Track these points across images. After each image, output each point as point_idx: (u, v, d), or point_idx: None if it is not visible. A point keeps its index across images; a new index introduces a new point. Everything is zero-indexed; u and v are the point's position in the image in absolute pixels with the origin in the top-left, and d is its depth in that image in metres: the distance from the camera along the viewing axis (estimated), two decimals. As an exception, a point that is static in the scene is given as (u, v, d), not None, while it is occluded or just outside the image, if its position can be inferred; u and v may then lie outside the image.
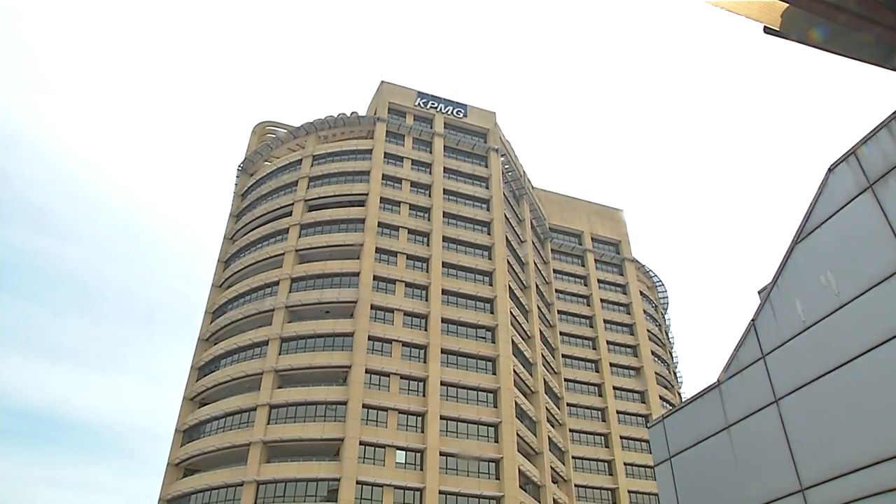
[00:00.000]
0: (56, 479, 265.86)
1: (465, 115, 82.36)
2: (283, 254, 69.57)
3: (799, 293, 11.16)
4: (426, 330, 65.09)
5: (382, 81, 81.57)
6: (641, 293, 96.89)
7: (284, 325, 64.45)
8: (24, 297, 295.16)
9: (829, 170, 11.17)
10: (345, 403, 58.70)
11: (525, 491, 61.90)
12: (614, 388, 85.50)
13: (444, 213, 73.55)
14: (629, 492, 77.97)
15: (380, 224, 70.11)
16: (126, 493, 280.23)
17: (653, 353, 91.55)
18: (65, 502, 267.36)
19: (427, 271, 69.15)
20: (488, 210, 76.53)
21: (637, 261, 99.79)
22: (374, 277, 66.31)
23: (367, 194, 71.75)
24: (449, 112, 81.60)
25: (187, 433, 66.43)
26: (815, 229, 11.17)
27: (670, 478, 13.44)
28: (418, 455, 58.33)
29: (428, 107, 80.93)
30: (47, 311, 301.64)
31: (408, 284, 67.64)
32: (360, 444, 56.81)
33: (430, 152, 78.22)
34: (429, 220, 72.94)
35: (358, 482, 54.97)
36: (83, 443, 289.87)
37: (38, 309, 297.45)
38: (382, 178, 73.36)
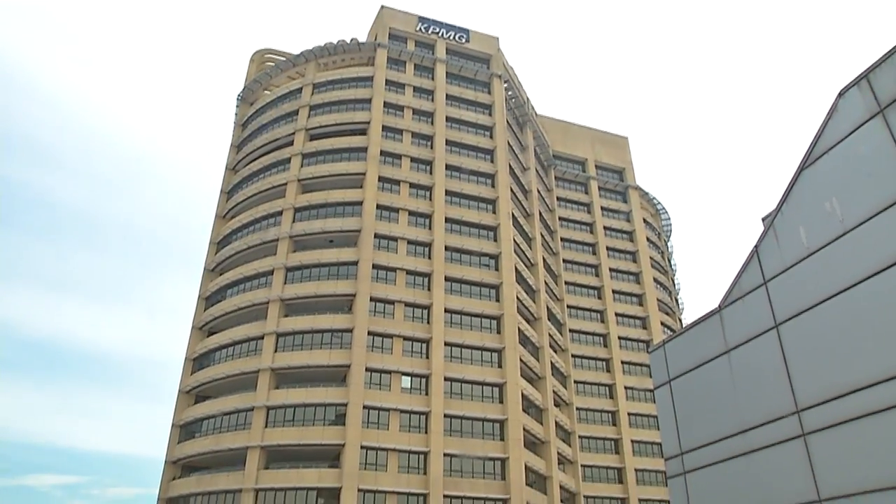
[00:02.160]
0: (70, 408, 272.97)
1: (467, 41, 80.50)
2: (285, 184, 69.36)
3: (803, 220, 11.16)
4: (430, 258, 65.49)
5: (382, 6, 79.42)
6: (645, 220, 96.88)
7: (289, 255, 64.86)
8: (28, 232, 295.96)
9: (840, 95, 10.98)
10: (350, 331, 59.64)
11: (528, 414, 63.53)
12: (616, 314, 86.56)
13: (446, 140, 72.85)
14: (629, 414, 79.97)
15: (382, 152, 69.57)
16: (140, 420, 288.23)
17: (655, 280, 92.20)
18: (81, 430, 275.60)
19: (430, 199, 69.04)
20: (491, 137, 75.74)
21: (641, 188, 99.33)
22: (378, 206, 66.30)
23: (368, 122, 70.93)
24: (451, 37, 79.73)
25: (197, 361, 67.83)
26: (822, 155, 11.07)
27: (669, 400, 13.77)
28: (423, 380, 59.63)
29: (429, 32, 79.04)
30: (51, 245, 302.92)
31: (411, 213, 67.66)
32: (367, 370, 58.01)
33: (432, 79, 76.85)
34: (431, 147, 72.33)
35: (365, 406, 56.41)
36: (95, 373, 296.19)
37: (42, 244, 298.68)
38: (384, 106, 72.36)
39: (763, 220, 13.13)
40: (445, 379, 59.67)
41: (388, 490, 54.05)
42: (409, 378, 59.48)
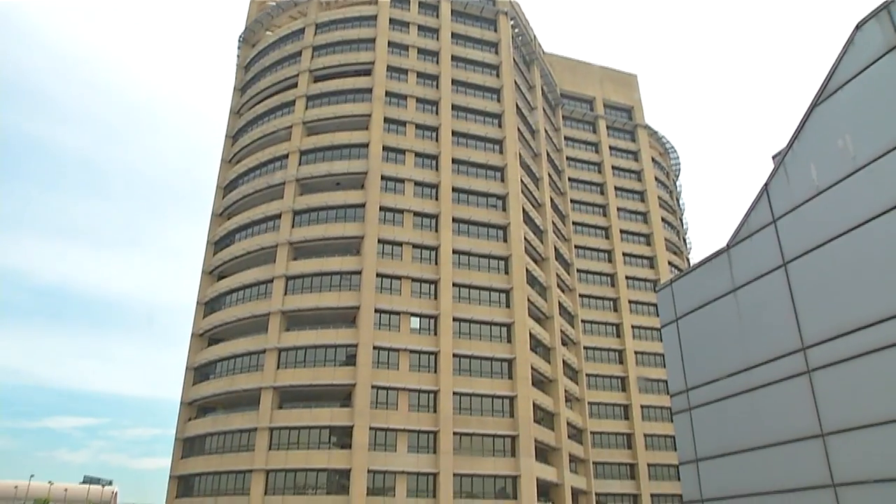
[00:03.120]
0: (85, 353, 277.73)
1: (472, -25, 78.36)
2: (290, 126, 68.77)
3: (814, 157, 11.02)
4: (437, 199, 65.31)
5: (385, -61, 77.06)
6: (653, 160, 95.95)
7: (296, 198, 64.82)
8: (35, 182, 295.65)
9: (857, 27, 10.69)
10: (359, 273, 60.03)
11: (536, 353, 64.36)
12: (624, 254, 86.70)
13: (452, 80, 71.69)
14: (636, 352, 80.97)
15: (387, 93, 68.64)
16: (155, 364, 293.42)
17: (663, 219, 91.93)
18: (98, 374, 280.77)
19: (437, 140, 68.43)
20: (498, 77, 74.46)
21: (650, 127, 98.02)
22: (384, 148, 65.82)
23: (373, 63, 69.78)
24: (455, -28, 77.54)
25: (208, 305, 68.65)
26: (836, 90, 10.85)
27: (676, 339, 13.89)
28: (432, 321, 60.26)
29: (433, -34, 76.84)
30: (57, 194, 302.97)
31: (417, 154, 67.19)
32: (376, 311, 58.60)
33: (437, 17, 75.10)
34: (437, 88, 71.25)
35: (375, 347, 57.23)
36: (107, 319, 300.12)
37: (49, 193, 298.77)
38: (388, 46, 71.02)
39: (773, 158, 12.97)
40: (454, 319, 60.28)
41: (399, 428, 55.29)
42: (417, 319, 60.11)
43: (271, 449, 55.26)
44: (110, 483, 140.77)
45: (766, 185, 12.10)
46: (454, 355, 58.88)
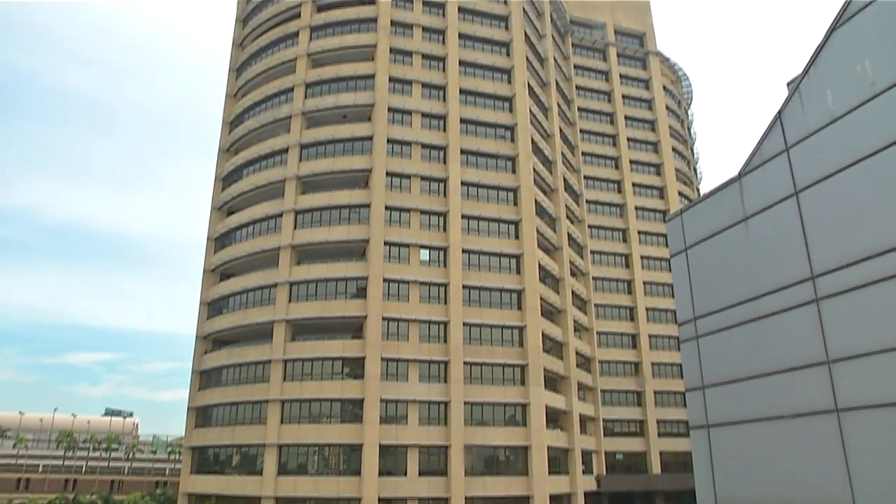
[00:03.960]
0: (101, 290, 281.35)
1: None
2: (294, 59, 67.60)
3: (831, 83, 10.78)
4: (445, 131, 64.62)
5: None
6: (664, 88, 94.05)
7: (303, 132, 64.29)
8: (42, 121, 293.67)
9: (878, -56, 10.27)
10: (367, 206, 60.02)
11: (545, 284, 64.80)
12: (634, 184, 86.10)
13: (459, 7, 69.81)
14: (644, 283, 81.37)
15: (393, 23, 67.05)
16: (169, 299, 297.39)
17: (674, 149, 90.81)
18: (114, 310, 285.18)
19: (444, 71, 67.19)
20: (505, 3, 72.40)
21: (661, 54, 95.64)
22: (390, 79, 64.75)
23: (377, -10, 67.93)
24: None
25: (219, 241, 69.10)
26: (857, 13, 10.53)
27: (685, 268, 13.93)
28: (441, 253, 60.54)
29: None
30: (66, 133, 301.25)
31: (424, 85, 66.10)
32: (385, 244, 58.86)
33: (443, -60, 72.53)
34: (443, 16, 69.48)
35: (385, 280, 57.73)
36: (120, 256, 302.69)
37: (57, 132, 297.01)
38: (393, -29, 68.97)
39: (788, 85, 12.70)
40: (463, 251, 60.52)
41: (410, 358, 56.30)
42: (427, 251, 60.38)
43: (286, 380, 56.55)
44: (131, 415, 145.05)
45: (779, 112, 11.89)
46: (464, 287, 59.37)
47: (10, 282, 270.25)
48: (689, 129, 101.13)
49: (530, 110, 68.45)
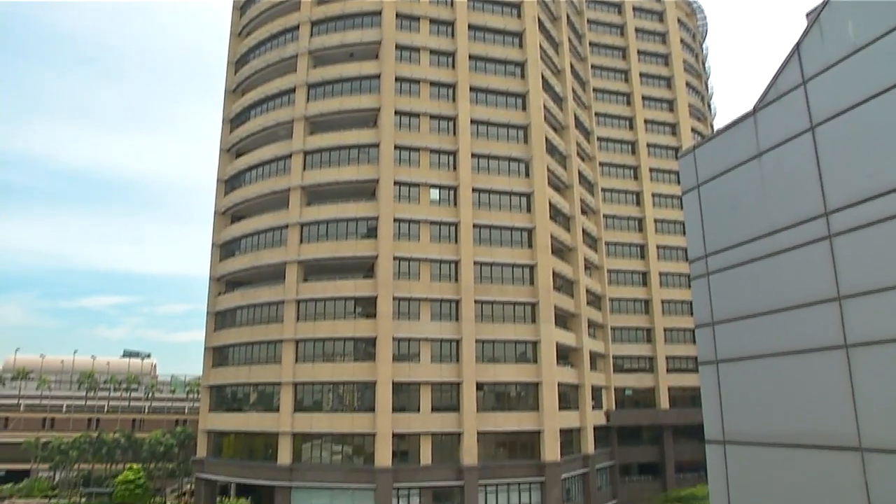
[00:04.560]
0: (114, 234, 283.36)
1: None
2: (299, -6, 66.12)
3: (854, 12, 10.44)
4: (453, 68, 63.52)
5: None
6: (679, 21, 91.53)
7: (309, 71, 63.41)
8: (49, 66, 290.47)
9: None
10: (377, 145, 59.61)
11: (555, 222, 64.68)
12: (646, 120, 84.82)
13: (467, -62, 67.58)
14: (655, 220, 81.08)
15: (399, -45, 65.18)
16: (181, 242, 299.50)
17: (687, 84, 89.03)
18: (128, 254, 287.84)
19: (452, 6, 65.56)
20: (515, -68, 69.99)
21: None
22: (397, 15, 63.35)
23: (382, -79, 65.77)
24: None
25: (229, 183, 69.10)
26: (878, -63, 10.10)
27: (697, 205, 13.83)
28: (451, 192, 60.34)
29: None
30: (73, 77, 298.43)
31: (432, 21, 64.65)
32: (395, 183, 58.68)
33: None
34: (451, -53, 67.36)
35: (395, 219, 57.79)
36: (131, 200, 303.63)
37: (65, 76, 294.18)
38: None
39: (807, 15, 12.32)
40: (473, 190, 60.29)
41: (422, 297, 56.81)
42: (437, 190, 60.20)
43: (299, 320, 57.34)
44: (149, 356, 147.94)
45: (797, 44, 11.57)
46: (474, 226, 59.39)
47: (24, 227, 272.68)
48: (703, 64, 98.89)
49: (540, 45, 67.00)
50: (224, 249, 67.57)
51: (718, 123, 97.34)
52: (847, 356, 9.88)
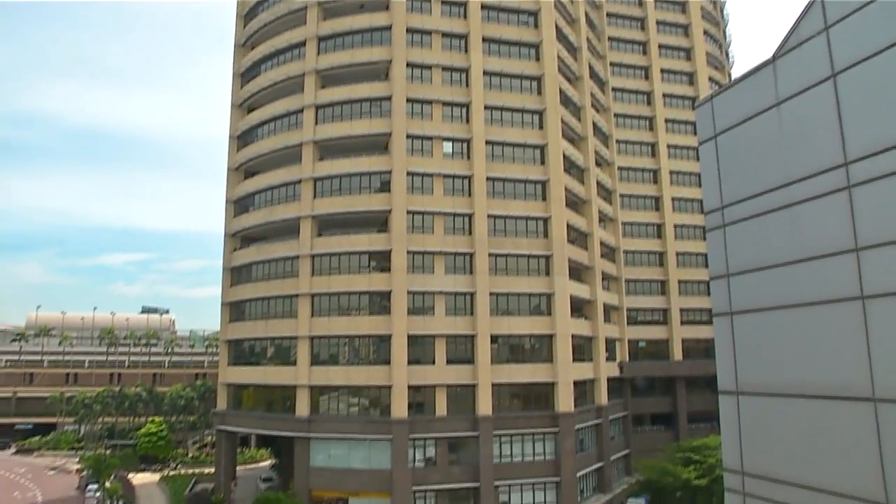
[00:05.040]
0: (128, 192, 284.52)
1: None
2: (307, -57, 64.72)
3: (877, -46, 10.10)
4: (465, 18, 62.32)
5: None
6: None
7: (319, 24, 62.49)
8: (56, 23, 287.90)
9: None
10: (389, 98, 59.02)
11: (569, 174, 64.17)
12: (662, 70, 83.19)
13: None
14: (671, 172, 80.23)
15: None
16: (196, 199, 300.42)
17: (705, 32, 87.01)
18: (143, 211, 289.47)
19: (463, -47, 63.95)
20: None
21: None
22: (408, -36, 61.94)
23: None
24: None
25: (241, 139, 68.93)
26: None
27: (714, 156, 13.67)
28: (465, 144, 59.86)
29: None
30: (82, 33, 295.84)
31: (443, -30, 63.18)
32: (408, 137, 58.26)
33: None
34: None
35: (408, 173, 57.54)
36: (144, 157, 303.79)
37: (72, 33, 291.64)
38: None
39: (831, -44, 11.92)
40: (487, 142, 59.78)
41: (436, 251, 56.90)
42: (450, 143, 59.74)
43: (314, 274, 57.74)
44: (167, 312, 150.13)
45: (820, -12, 11.23)
46: (487, 178, 59.06)
47: (41, 187, 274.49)
48: (721, 11, 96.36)
49: (555, -7, 65.45)
50: (238, 205, 67.78)
51: (737, 72, 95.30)
52: (863, 307, 9.85)
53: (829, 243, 10.51)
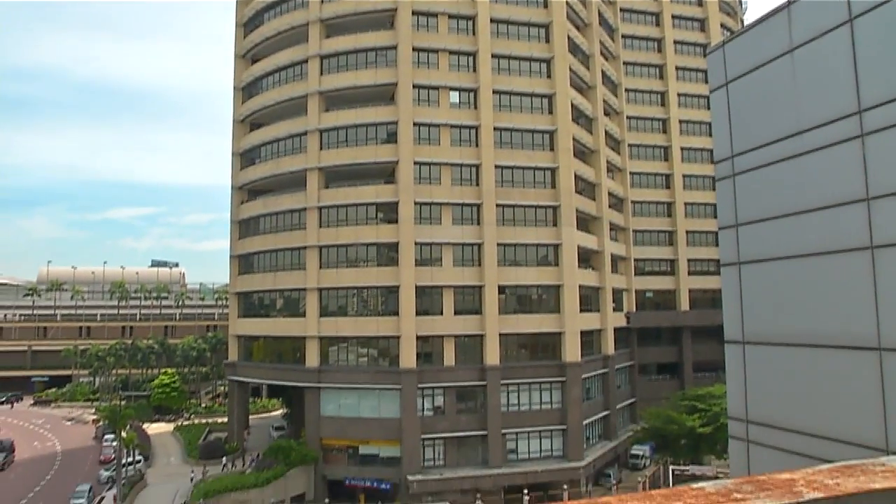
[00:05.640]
0: (134, 145, 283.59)
1: None
2: None
3: None
4: (472, -36, 60.78)
5: None
6: None
7: (323, -30, 61.15)
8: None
9: None
10: (394, 48, 58.11)
11: (577, 124, 63.48)
12: (673, 16, 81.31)
13: None
14: (680, 121, 79.19)
15: None
16: (201, 151, 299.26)
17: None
18: (150, 165, 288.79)
19: None
20: None
21: None
22: None
23: None
24: None
25: (246, 90, 68.24)
26: None
27: (725, 104, 13.44)
28: (471, 94, 59.08)
29: None
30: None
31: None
32: (414, 87, 57.51)
33: None
34: None
35: (415, 123, 57.01)
36: (150, 111, 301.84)
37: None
38: None
39: None
40: (494, 92, 59.00)
41: (443, 202, 56.74)
42: (457, 93, 59.02)
43: (321, 226, 57.82)
44: (177, 265, 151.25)
45: (838, -72, 10.85)
46: (495, 128, 58.49)
47: (47, 141, 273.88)
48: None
49: (563, -64, 63.64)
50: (244, 158, 67.54)
51: (749, 18, 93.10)
52: (872, 257, 9.79)
53: (840, 192, 10.40)
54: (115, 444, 65.63)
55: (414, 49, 58.02)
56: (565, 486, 53.01)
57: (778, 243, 11.74)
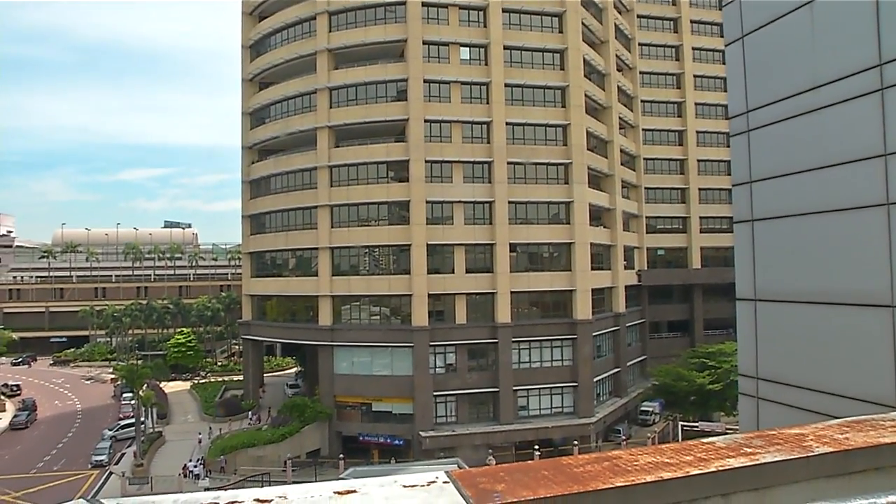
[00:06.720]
0: (143, 107, 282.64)
1: None
2: None
3: None
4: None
5: None
6: None
7: (330, -77, 59.86)
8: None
9: None
10: (403, 3, 57.12)
11: (589, 79, 62.57)
12: (688, -34, 79.27)
13: None
14: (695, 76, 77.79)
15: None
16: (211, 112, 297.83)
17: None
18: (160, 126, 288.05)
19: None
20: None
21: None
22: None
23: None
24: None
25: (254, 48, 67.53)
26: None
27: (740, 58, 13.18)
28: (482, 50, 58.21)
29: None
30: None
31: None
32: (424, 43, 56.69)
33: None
34: None
35: (425, 80, 56.35)
36: (156, 71, 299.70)
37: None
38: None
39: None
40: (504, 48, 58.10)
41: (454, 160, 56.42)
42: (467, 49, 58.18)
43: (333, 185, 57.77)
44: (189, 226, 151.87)
45: None
46: (506, 85, 57.80)
47: (58, 104, 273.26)
48: None
49: None
50: (254, 117, 67.20)
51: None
52: (888, 214, 9.69)
53: (856, 148, 10.24)
54: (133, 402, 67.04)
55: (423, 4, 57.03)
56: (576, 442, 53.73)
57: (792, 200, 11.63)
